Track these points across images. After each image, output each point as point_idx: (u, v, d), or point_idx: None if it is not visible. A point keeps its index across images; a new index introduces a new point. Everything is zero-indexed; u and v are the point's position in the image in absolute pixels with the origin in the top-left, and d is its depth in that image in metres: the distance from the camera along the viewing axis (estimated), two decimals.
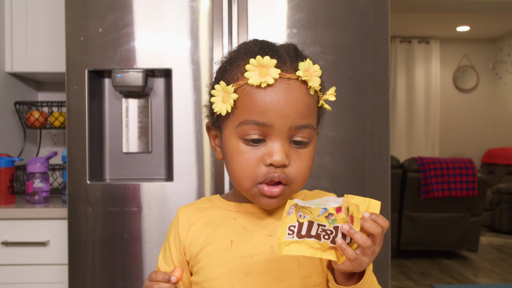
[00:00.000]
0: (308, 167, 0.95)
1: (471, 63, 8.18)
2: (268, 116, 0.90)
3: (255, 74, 0.90)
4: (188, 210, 1.06)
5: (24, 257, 1.99)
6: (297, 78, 0.92)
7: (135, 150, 1.93)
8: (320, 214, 0.78)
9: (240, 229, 0.98)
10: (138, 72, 1.80)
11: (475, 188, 4.89)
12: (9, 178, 2.12)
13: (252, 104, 0.91)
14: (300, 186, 0.96)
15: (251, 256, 0.95)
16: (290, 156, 0.93)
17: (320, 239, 0.80)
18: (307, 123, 0.93)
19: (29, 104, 2.47)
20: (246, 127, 0.92)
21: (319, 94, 0.97)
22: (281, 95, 0.90)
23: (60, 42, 2.31)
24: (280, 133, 0.91)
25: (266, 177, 0.91)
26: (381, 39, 1.81)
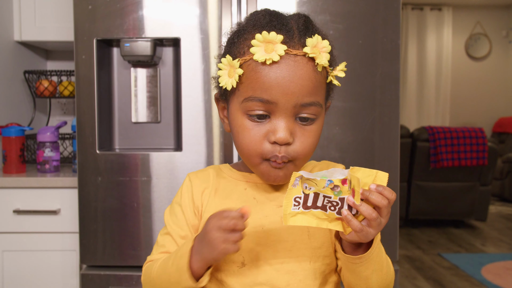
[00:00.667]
0: (312, 144, 0.94)
1: (484, 30, 8.05)
2: (272, 94, 0.89)
3: (260, 49, 0.89)
4: (199, 175, 1.06)
5: (35, 225, 2.01)
6: (304, 54, 0.90)
7: (144, 120, 1.93)
8: (325, 186, 0.78)
9: (250, 199, 0.99)
10: (146, 41, 1.78)
11: (485, 158, 4.87)
12: (20, 147, 2.14)
13: (257, 80, 0.90)
14: (304, 162, 0.96)
15: (262, 226, 0.96)
16: (295, 133, 0.92)
17: (326, 210, 0.80)
18: (313, 100, 0.91)
19: (38, 73, 2.47)
20: (251, 104, 0.91)
21: (328, 70, 0.94)
22: (286, 72, 0.89)
23: (68, 10, 2.29)
24: (284, 111, 0.90)
25: (271, 155, 0.91)
26: (392, 6, 1.78)
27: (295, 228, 0.95)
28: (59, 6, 2.34)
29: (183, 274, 0.89)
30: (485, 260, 4.05)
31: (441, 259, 4.12)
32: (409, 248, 4.45)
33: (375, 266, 0.88)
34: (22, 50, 2.51)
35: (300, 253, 0.96)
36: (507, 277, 3.67)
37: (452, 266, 3.93)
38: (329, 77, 0.95)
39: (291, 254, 0.95)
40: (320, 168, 1.05)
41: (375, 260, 0.88)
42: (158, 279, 0.96)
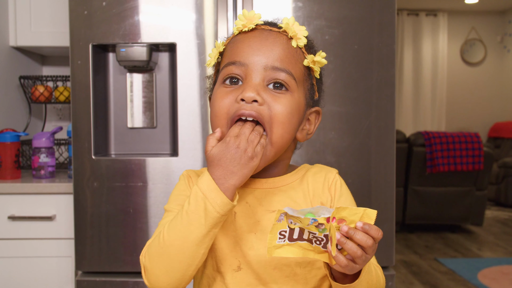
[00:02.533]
0: (284, 113, 0.92)
1: (479, 36, 8.09)
2: (243, 55, 0.93)
3: (240, 23, 0.97)
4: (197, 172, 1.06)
5: (30, 231, 2.00)
6: (278, 30, 0.96)
7: (140, 125, 1.93)
8: (309, 224, 0.79)
9: (242, 203, 0.99)
10: (142, 46, 1.78)
11: (481, 162, 4.88)
12: (15, 153, 2.13)
13: (233, 48, 0.96)
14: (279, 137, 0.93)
15: (254, 231, 0.96)
16: (265, 97, 0.92)
17: (312, 243, 0.81)
18: (285, 67, 0.93)
19: (34, 79, 2.47)
20: (225, 69, 0.95)
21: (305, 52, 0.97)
22: (258, 38, 0.94)
23: (64, 16, 2.29)
24: (254, 72, 0.92)
25: (238, 111, 0.91)
26: (387, 12, 1.78)
27: None
28: (54, 11, 2.33)
29: (213, 201, 0.86)
30: (482, 265, 4.05)
31: (437, 264, 4.12)
32: (406, 253, 4.45)
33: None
34: (17, 55, 2.50)
35: (292, 259, 0.96)
36: (504, 281, 3.67)
37: (448, 271, 3.93)
38: (306, 60, 0.97)
39: (283, 260, 0.95)
40: (314, 172, 1.04)
41: (363, 285, 0.88)
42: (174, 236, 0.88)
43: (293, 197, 1.00)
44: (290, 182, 1.02)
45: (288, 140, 0.96)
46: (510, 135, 7.30)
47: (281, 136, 0.93)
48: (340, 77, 1.78)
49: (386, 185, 1.80)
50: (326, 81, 1.75)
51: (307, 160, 1.77)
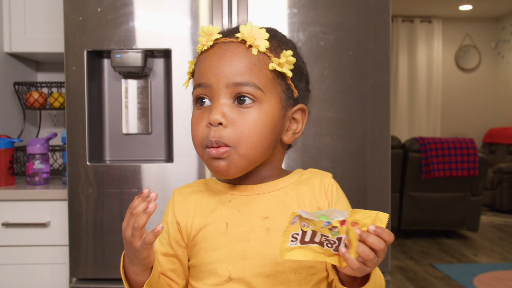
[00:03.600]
0: (252, 128, 0.92)
1: (473, 42, 8.12)
2: (205, 76, 0.93)
3: (202, 40, 0.97)
4: (183, 191, 1.06)
5: (25, 238, 1.99)
6: (237, 40, 0.94)
7: (134, 131, 1.92)
8: (323, 227, 0.79)
9: (235, 211, 0.97)
10: (137, 52, 1.78)
11: (476, 168, 4.89)
12: (9, 159, 2.12)
13: (198, 69, 0.96)
14: (250, 150, 0.92)
15: (247, 239, 0.95)
16: (231, 116, 0.92)
17: (324, 246, 0.81)
18: (246, 80, 0.91)
19: (29, 85, 2.46)
20: (195, 92, 0.97)
21: (269, 55, 0.94)
22: (217, 56, 0.93)
23: (59, 22, 2.28)
24: (218, 92, 0.92)
25: (207, 140, 0.92)
26: (382, 18, 1.79)
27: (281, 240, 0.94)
28: (49, 18, 2.33)
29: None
30: (477, 270, 4.05)
31: (433, 270, 4.12)
32: (402, 258, 4.45)
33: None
34: (12, 61, 2.50)
35: (286, 265, 0.94)
36: (499, 287, 3.67)
37: (444, 277, 3.93)
38: (271, 64, 0.93)
39: (278, 267, 0.94)
40: (308, 177, 1.03)
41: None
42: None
43: (286, 202, 0.98)
44: (282, 187, 1.00)
45: (263, 151, 0.94)
46: (505, 141, 7.32)
47: (249, 149, 0.92)
48: (335, 83, 1.78)
49: (381, 190, 1.80)
50: (321, 87, 1.76)
51: (302, 165, 1.77)
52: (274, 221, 0.95)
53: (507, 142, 7.27)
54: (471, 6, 7.42)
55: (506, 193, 6.39)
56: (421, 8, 7.60)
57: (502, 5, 7.42)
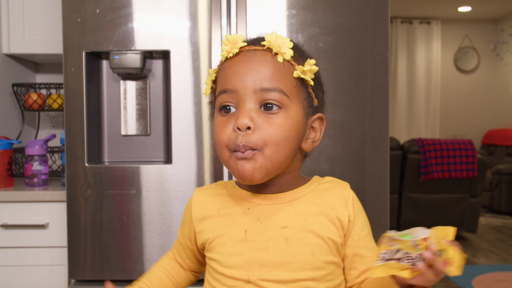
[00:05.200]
0: (278, 132, 0.93)
1: (472, 44, 8.13)
2: (232, 82, 0.94)
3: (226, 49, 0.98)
4: (203, 194, 1.07)
5: (23, 239, 1.99)
6: (263, 48, 0.95)
7: (133, 132, 1.92)
8: (409, 245, 0.85)
9: (254, 219, 0.99)
10: (136, 53, 1.78)
11: (474, 169, 4.89)
12: (8, 161, 2.12)
13: (223, 76, 0.97)
14: (275, 152, 0.93)
15: (266, 248, 0.96)
16: (258, 120, 0.93)
17: (401, 261, 0.85)
18: (274, 86, 0.93)
19: (27, 86, 2.46)
20: (219, 98, 0.97)
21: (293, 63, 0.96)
22: (244, 62, 0.95)
23: (57, 23, 2.28)
24: (245, 97, 0.93)
25: (235, 145, 0.93)
26: (381, 20, 1.79)
27: (299, 249, 0.96)
28: (48, 19, 2.33)
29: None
30: (476, 272, 4.05)
31: None
32: None
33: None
34: (10, 62, 2.49)
35: (304, 274, 0.96)
36: None
37: (443, 278, 3.93)
38: (296, 72, 0.95)
39: (296, 275, 0.95)
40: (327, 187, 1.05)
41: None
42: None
43: (305, 212, 0.99)
44: (301, 196, 1.01)
45: (287, 156, 0.96)
46: (504, 142, 7.33)
47: (275, 151, 0.93)
48: (334, 84, 1.78)
49: (380, 192, 1.80)
50: None
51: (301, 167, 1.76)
52: (293, 231, 0.97)
53: (505, 143, 7.27)
54: (470, 7, 7.42)
55: (505, 195, 6.39)
56: (420, 9, 7.60)
57: (501, 7, 7.43)
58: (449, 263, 0.83)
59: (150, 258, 1.79)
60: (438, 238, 0.84)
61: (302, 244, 0.96)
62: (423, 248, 0.83)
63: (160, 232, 1.79)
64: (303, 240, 0.96)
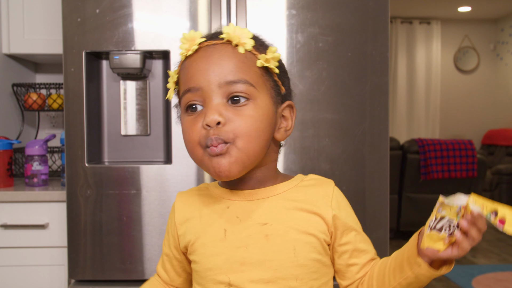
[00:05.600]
0: (249, 123, 0.91)
1: (472, 44, 8.13)
2: (195, 80, 0.92)
3: (184, 47, 0.96)
4: (185, 196, 1.06)
5: (23, 240, 1.99)
6: (222, 41, 0.94)
7: (133, 132, 1.92)
8: (457, 211, 0.85)
9: (233, 218, 0.97)
10: (136, 53, 1.78)
11: (474, 169, 4.89)
12: (8, 161, 2.12)
13: (185, 75, 0.95)
14: (248, 143, 0.91)
15: (246, 246, 0.94)
16: (227, 114, 0.91)
17: (441, 231, 0.86)
18: (238, 78, 0.91)
19: (27, 86, 2.46)
20: (184, 98, 0.95)
21: (255, 53, 0.94)
22: (204, 58, 0.93)
23: (57, 23, 2.28)
24: (211, 93, 0.91)
25: (207, 140, 0.91)
26: (381, 20, 1.79)
27: (280, 246, 0.94)
28: (48, 19, 2.33)
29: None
30: (476, 272, 4.05)
31: None
32: None
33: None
34: (10, 63, 2.49)
35: (287, 271, 0.94)
36: None
37: (443, 278, 3.93)
38: (259, 61, 0.93)
39: (277, 273, 0.93)
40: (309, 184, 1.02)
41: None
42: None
43: (285, 207, 0.97)
44: (281, 191, 0.99)
45: (262, 146, 0.94)
46: (504, 142, 7.33)
47: (248, 142, 0.91)
48: (333, 84, 1.78)
49: (380, 192, 1.80)
50: (320, 88, 1.76)
51: (301, 167, 1.77)
52: (273, 227, 0.95)
53: (505, 143, 7.27)
54: (470, 7, 7.42)
55: (505, 195, 6.39)
56: (420, 9, 7.60)
57: (501, 7, 7.43)
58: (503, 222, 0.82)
59: (150, 258, 1.79)
60: (479, 203, 0.84)
61: (283, 240, 0.94)
62: (461, 216, 0.84)
63: (160, 232, 1.79)
64: (283, 236, 0.94)
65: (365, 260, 1.00)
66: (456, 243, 0.84)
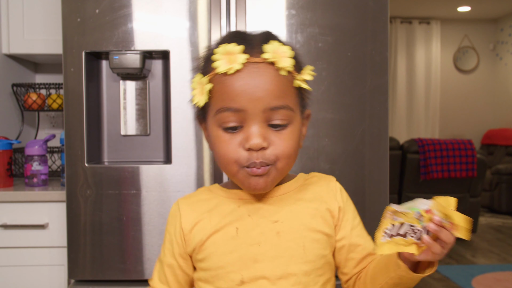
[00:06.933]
0: (290, 146, 0.94)
1: (472, 43, 8.13)
2: (240, 101, 0.91)
3: (223, 62, 0.91)
4: (188, 202, 1.06)
5: (23, 240, 1.99)
6: (265, 60, 0.92)
7: (133, 132, 1.92)
8: (413, 217, 0.84)
9: (245, 216, 0.99)
10: (135, 53, 1.78)
11: (474, 169, 4.89)
12: (7, 161, 2.12)
13: (225, 91, 0.92)
14: (286, 164, 0.95)
15: (258, 243, 0.96)
16: (269, 138, 0.92)
17: (406, 236, 0.85)
18: (282, 104, 0.92)
19: (27, 86, 2.46)
20: (222, 115, 0.93)
21: (294, 74, 0.95)
22: (250, 79, 0.91)
23: (57, 23, 2.28)
24: (255, 117, 0.91)
25: (249, 162, 0.92)
26: (380, 20, 1.79)
27: (291, 243, 0.97)
28: (47, 19, 2.33)
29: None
30: (476, 272, 4.05)
31: None
32: None
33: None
34: (10, 63, 2.49)
35: (297, 267, 0.96)
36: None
37: (443, 278, 3.93)
38: (296, 81, 0.95)
39: (289, 269, 0.96)
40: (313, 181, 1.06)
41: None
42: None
43: (294, 205, 1.00)
44: (289, 191, 1.02)
45: (294, 162, 0.98)
46: (503, 142, 7.33)
47: (286, 164, 0.95)
48: (333, 84, 1.78)
49: (379, 192, 1.80)
50: (319, 88, 1.76)
51: (301, 167, 1.77)
52: (284, 225, 0.97)
53: (505, 143, 7.28)
54: (469, 7, 7.43)
55: (505, 194, 6.39)
56: (419, 9, 7.60)
57: (500, 7, 7.43)
58: (456, 228, 0.83)
59: (150, 258, 1.79)
60: (440, 208, 0.83)
61: (293, 237, 0.97)
62: (427, 220, 0.83)
63: (159, 232, 1.79)
64: (294, 233, 0.97)
65: (362, 255, 1.02)
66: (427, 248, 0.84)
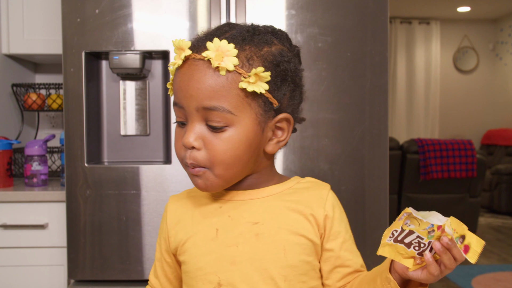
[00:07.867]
0: (226, 151, 0.89)
1: (472, 44, 8.13)
2: (178, 97, 0.92)
3: (176, 57, 0.93)
4: (176, 199, 1.06)
5: (23, 240, 1.99)
6: (203, 58, 0.88)
7: (133, 132, 1.92)
8: (425, 228, 0.80)
9: (225, 217, 0.96)
10: (135, 54, 1.78)
11: (474, 169, 4.89)
12: (7, 161, 2.12)
13: (174, 86, 0.94)
14: (225, 170, 0.91)
15: (236, 244, 0.93)
16: (206, 138, 0.90)
17: (409, 247, 0.81)
18: (215, 105, 0.87)
19: (27, 86, 2.46)
20: (174, 108, 0.94)
21: (240, 71, 0.87)
22: (186, 76, 0.90)
23: (57, 23, 2.28)
24: (190, 115, 0.90)
25: (183, 161, 0.93)
26: (380, 20, 1.79)
27: (270, 246, 0.93)
28: (47, 19, 2.33)
29: None
30: (475, 272, 4.05)
31: None
32: None
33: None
34: (10, 63, 2.49)
35: (276, 271, 0.92)
36: None
37: (443, 278, 3.93)
38: (241, 83, 0.87)
39: (267, 273, 0.92)
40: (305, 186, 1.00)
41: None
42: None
43: (278, 208, 0.96)
44: (275, 192, 0.98)
45: (241, 169, 0.93)
46: (503, 142, 7.33)
47: (224, 170, 0.91)
48: (333, 84, 1.78)
49: (379, 192, 1.80)
50: (319, 88, 1.76)
51: (300, 167, 1.77)
52: (264, 227, 0.94)
53: (505, 143, 7.28)
54: (469, 7, 7.43)
55: (504, 195, 6.39)
56: (419, 9, 7.60)
57: (500, 7, 7.43)
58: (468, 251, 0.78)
59: (150, 258, 1.79)
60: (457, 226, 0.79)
61: (273, 240, 0.93)
62: (435, 237, 0.79)
63: None
64: (274, 236, 0.93)
65: (349, 270, 0.97)
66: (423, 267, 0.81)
